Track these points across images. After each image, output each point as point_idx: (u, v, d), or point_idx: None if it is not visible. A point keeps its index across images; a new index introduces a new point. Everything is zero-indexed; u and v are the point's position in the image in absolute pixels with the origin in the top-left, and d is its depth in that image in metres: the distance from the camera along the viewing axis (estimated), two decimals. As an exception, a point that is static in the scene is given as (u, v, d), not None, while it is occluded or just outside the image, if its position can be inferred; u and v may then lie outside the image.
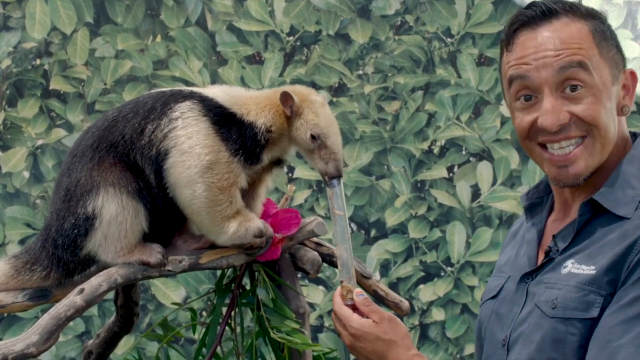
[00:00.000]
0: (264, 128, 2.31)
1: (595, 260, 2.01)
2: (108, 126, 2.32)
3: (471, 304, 4.49)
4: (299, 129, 2.31)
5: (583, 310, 1.99)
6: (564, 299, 2.02)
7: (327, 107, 2.34)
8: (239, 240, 2.31)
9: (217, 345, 2.39)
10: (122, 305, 2.49)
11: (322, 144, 2.30)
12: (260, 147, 2.31)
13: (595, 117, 2.07)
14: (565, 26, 2.09)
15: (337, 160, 2.30)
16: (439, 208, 4.52)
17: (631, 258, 1.97)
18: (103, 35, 4.45)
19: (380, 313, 2.17)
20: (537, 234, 2.19)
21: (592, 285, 1.99)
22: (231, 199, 2.29)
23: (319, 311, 4.44)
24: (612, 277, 1.98)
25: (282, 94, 2.29)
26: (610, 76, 2.09)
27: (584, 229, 2.07)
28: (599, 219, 2.06)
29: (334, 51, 4.51)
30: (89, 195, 2.28)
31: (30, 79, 4.44)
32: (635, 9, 4.50)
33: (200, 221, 2.31)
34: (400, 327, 2.17)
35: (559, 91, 2.08)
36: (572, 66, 2.07)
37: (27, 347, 2.19)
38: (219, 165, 2.28)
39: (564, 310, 2.01)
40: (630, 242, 1.98)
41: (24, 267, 2.35)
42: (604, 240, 2.02)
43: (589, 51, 2.08)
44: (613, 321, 1.95)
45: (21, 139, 4.43)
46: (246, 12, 4.48)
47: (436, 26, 4.52)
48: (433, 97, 4.52)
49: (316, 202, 4.49)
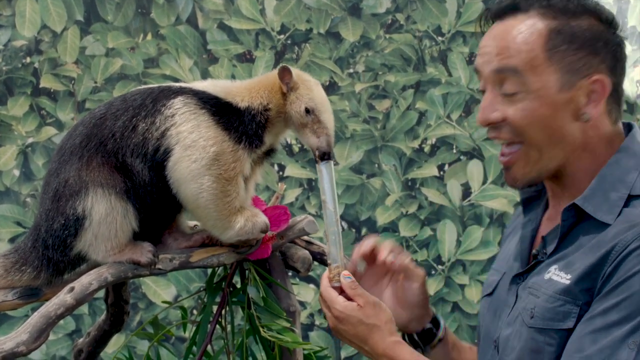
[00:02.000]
0: (261, 107, 2.32)
1: (572, 268, 1.98)
2: (96, 124, 2.32)
3: (462, 302, 4.49)
4: (294, 102, 2.32)
5: (559, 321, 1.97)
6: (541, 308, 2.00)
7: (321, 87, 2.36)
8: (245, 235, 2.31)
9: (207, 344, 2.39)
10: (113, 304, 2.49)
11: (316, 118, 2.31)
12: (261, 127, 2.32)
13: (523, 124, 2.03)
14: (518, 24, 2.04)
15: (329, 135, 2.31)
16: (430, 206, 4.53)
17: (605, 268, 1.94)
18: (93, 33, 4.45)
19: (365, 297, 2.16)
20: (530, 232, 2.16)
21: (568, 295, 1.97)
22: (238, 190, 2.30)
23: (310, 309, 4.44)
24: (587, 286, 1.96)
25: (281, 67, 2.31)
26: (559, 82, 2.01)
27: (569, 234, 2.04)
28: (583, 223, 2.02)
29: (324, 49, 4.51)
30: (78, 195, 2.28)
31: (20, 77, 4.43)
32: (626, 7, 4.51)
33: (207, 215, 2.30)
34: (384, 312, 2.16)
35: (497, 88, 2.06)
36: (507, 70, 2.03)
37: (17, 346, 2.19)
38: (224, 156, 2.28)
39: (541, 321, 2.00)
40: (606, 251, 1.94)
41: (13, 267, 2.35)
42: (584, 247, 1.99)
43: (530, 54, 2.02)
44: (583, 331, 1.93)
45: (11, 137, 4.42)
46: (237, 11, 4.48)
47: (427, 25, 4.52)
48: (424, 96, 4.52)
49: (307, 200, 4.49)
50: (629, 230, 1.94)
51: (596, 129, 2.05)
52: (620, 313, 1.91)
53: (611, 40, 2.04)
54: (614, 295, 1.92)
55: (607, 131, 2.06)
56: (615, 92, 2.06)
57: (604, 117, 2.05)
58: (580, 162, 2.06)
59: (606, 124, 2.06)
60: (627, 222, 1.96)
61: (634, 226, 1.95)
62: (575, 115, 2.03)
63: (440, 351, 2.33)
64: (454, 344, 2.36)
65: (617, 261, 1.93)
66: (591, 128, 2.04)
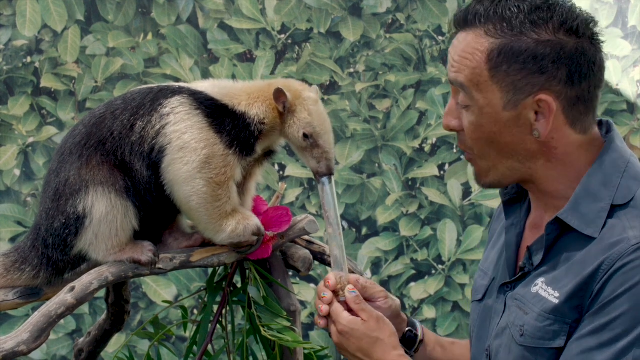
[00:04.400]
0: (257, 120, 2.30)
1: (560, 284, 1.97)
2: (96, 123, 2.32)
3: (462, 301, 4.49)
4: (291, 127, 2.31)
5: (549, 340, 1.97)
6: (531, 327, 1.99)
7: (321, 104, 2.34)
8: (237, 238, 2.30)
9: (208, 344, 2.39)
10: (113, 303, 2.49)
11: (315, 143, 2.30)
12: (254, 137, 2.31)
13: (473, 137, 2.03)
14: (467, 39, 2.01)
15: (329, 159, 2.30)
16: (430, 206, 4.53)
17: (593, 286, 1.92)
18: (94, 33, 4.45)
19: (369, 312, 2.17)
20: (515, 238, 2.14)
21: (556, 314, 1.96)
22: (229, 195, 2.29)
23: (310, 309, 4.44)
24: (576, 303, 1.95)
25: (275, 90, 2.29)
26: (502, 101, 1.98)
27: (554, 246, 2.02)
28: (567, 235, 2.00)
29: (325, 49, 4.51)
30: (79, 194, 2.28)
31: (21, 76, 4.43)
32: (626, 7, 4.51)
33: (199, 218, 2.31)
34: (387, 326, 2.17)
35: (456, 97, 2.05)
36: (457, 84, 2.03)
37: (17, 345, 2.19)
38: (215, 159, 2.28)
39: (531, 340, 1.99)
40: (593, 269, 1.93)
41: (12, 267, 2.35)
42: (570, 261, 1.98)
43: (474, 72, 2.00)
44: (572, 352, 1.93)
45: (12, 136, 4.42)
46: (237, 10, 4.48)
47: (427, 24, 4.52)
48: (424, 95, 4.52)
49: (307, 200, 4.49)
50: (614, 247, 1.93)
51: (558, 141, 2.01)
52: (610, 333, 1.90)
53: (569, 50, 1.97)
54: (603, 315, 1.91)
55: (573, 140, 2.02)
56: (580, 101, 2.00)
57: (564, 129, 2.01)
58: (551, 172, 2.04)
59: (569, 134, 2.01)
60: (613, 237, 1.94)
61: (619, 242, 1.93)
62: (529, 130, 2.00)
63: (423, 352, 2.33)
64: (437, 341, 2.36)
65: (604, 279, 1.91)
66: (552, 140, 2.01)
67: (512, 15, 1.98)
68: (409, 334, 2.32)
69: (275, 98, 2.29)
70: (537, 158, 2.03)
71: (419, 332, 2.33)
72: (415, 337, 2.32)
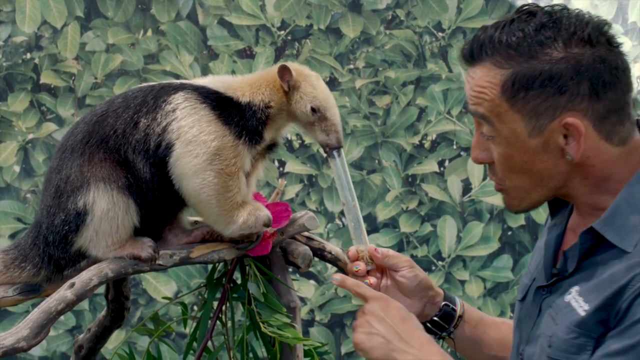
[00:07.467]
0: (262, 105, 2.32)
1: (590, 296, 1.90)
2: (98, 121, 2.32)
3: (462, 298, 4.48)
4: (298, 102, 2.32)
5: (574, 354, 1.90)
6: (558, 339, 1.93)
7: (322, 80, 2.36)
8: (248, 230, 2.31)
9: (208, 340, 2.39)
10: (113, 300, 2.49)
11: (322, 116, 2.32)
12: (261, 124, 2.32)
13: (504, 170, 1.97)
14: (478, 75, 1.94)
15: (337, 132, 2.32)
16: (430, 202, 4.53)
17: (620, 303, 1.85)
18: (94, 29, 4.44)
19: (371, 292, 2.13)
20: (554, 240, 2.06)
21: (582, 327, 1.89)
22: (239, 186, 2.30)
23: (310, 305, 4.44)
24: (603, 317, 1.87)
25: (280, 67, 2.31)
26: (527, 129, 1.91)
27: (591, 256, 1.94)
28: (603, 246, 1.92)
29: (325, 45, 4.51)
30: (80, 191, 2.28)
31: (20, 73, 4.43)
32: (626, 4, 4.51)
33: (209, 210, 2.31)
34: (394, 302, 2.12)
35: (480, 128, 2.00)
36: (478, 116, 1.96)
37: (17, 342, 2.19)
38: (225, 151, 2.28)
39: (557, 352, 1.92)
40: (623, 284, 1.85)
41: (12, 264, 2.35)
42: (603, 273, 1.89)
43: (492, 104, 1.92)
44: None
45: (11, 133, 4.42)
46: (237, 7, 4.48)
47: (427, 20, 4.52)
48: (424, 92, 4.52)
49: (307, 196, 4.49)
50: None
51: (595, 158, 1.92)
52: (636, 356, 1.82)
53: (586, 62, 1.88)
54: (628, 336, 1.83)
55: (612, 155, 1.92)
56: (611, 112, 1.90)
57: (600, 145, 1.91)
58: (588, 187, 1.95)
59: (606, 149, 1.92)
60: None
61: None
62: (561, 154, 1.92)
63: (463, 328, 2.28)
64: (480, 320, 2.30)
65: (633, 297, 1.84)
66: (588, 159, 1.92)
67: (518, 40, 1.90)
68: (445, 309, 2.28)
69: (280, 76, 2.31)
70: (572, 177, 1.95)
71: (457, 308, 2.29)
72: (454, 312, 2.28)
